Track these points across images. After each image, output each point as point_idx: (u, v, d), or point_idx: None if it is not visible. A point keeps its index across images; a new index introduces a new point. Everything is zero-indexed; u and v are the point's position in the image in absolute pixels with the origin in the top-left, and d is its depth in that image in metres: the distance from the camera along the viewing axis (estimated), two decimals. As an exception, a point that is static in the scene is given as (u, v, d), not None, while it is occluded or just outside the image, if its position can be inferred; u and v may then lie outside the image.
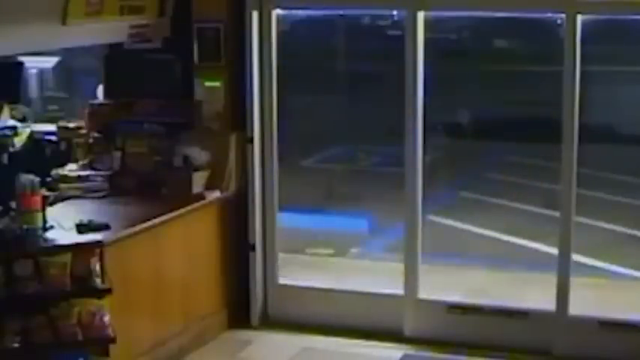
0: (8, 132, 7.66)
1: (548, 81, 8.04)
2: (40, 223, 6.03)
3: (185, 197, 7.20)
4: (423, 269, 7.45)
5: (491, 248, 9.47)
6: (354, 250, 9.26)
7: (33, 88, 11.31)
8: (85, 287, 5.88)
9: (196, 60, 7.59)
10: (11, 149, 7.54)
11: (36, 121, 8.48)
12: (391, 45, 8.12)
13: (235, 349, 7.32)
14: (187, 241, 7.13)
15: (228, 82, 7.58)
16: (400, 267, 7.47)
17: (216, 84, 7.55)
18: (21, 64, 8.61)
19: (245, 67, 7.54)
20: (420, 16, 7.21)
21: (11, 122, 7.85)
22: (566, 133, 6.99)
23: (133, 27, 7.39)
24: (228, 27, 7.51)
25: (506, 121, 12.84)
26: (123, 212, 6.83)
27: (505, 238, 9.64)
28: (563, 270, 7.09)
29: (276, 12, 7.59)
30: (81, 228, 6.23)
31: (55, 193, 7.00)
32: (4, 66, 7.97)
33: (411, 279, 7.43)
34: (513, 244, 9.48)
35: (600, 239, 9.35)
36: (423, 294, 7.44)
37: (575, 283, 7.12)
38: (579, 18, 6.83)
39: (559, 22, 6.97)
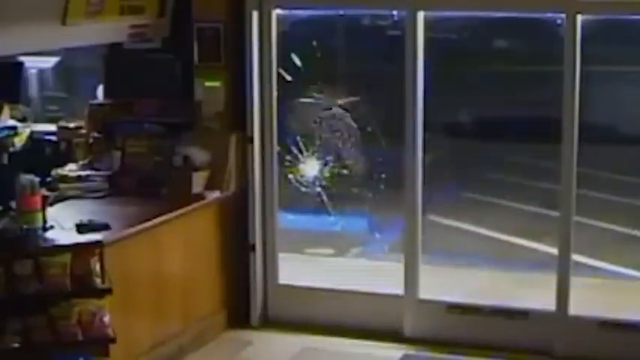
0: (8, 132, 7.66)
1: (548, 81, 8.04)
2: (40, 223, 6.04)
3: (185, 197, 7.21)
4: (423, 269, 7.45)
5: (491, 248, 9.46)
6: (354, 250, 9.25)
7: (33, 88, 11.30)
8: (85, 287, 5.89)
9: (196, 60, 7.59)
10: (11, 149, 7.54)
11: (36, 121, 8.48)
12: (391, 45, 8.12)
13: (235, 349, 7.32)
14: (187, 241, 7.14)
15: (228, 82, 7.59)
16: (400, 267, 7.47)
17: (216, 84, 7.55)
18: (21, 64, 8.61)
19: (245, 67, 7.55)
20: (420, 16, 7.21)
21: (11, 122, 7.85)
22: (566, 133, 6.99)
23: (132, 27, 7.39)
24: (228, 27, 7.52)
25: (507, 121, 12.83)
26: (123, 212, 6.83)
27: (505, 238, 9.64)
28: (563, 270, 7.09)
29: (276, 12, 7.60)
30: (81, 228, 6.23)
31: (55, 193, 6.99)
32: (4, 66, 7.97)
33: (411, 279, 7.44)
34: (513, 244, 9.48)
35: (600, 239, 9.34)
36: (423, 294, 7.44)
37: (575, 283, 7.12)
38: (579, 18, 6.84)
39: (559, 22, 6.98)
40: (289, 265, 7.92)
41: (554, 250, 7.20)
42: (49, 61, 11.66)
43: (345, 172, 9.13)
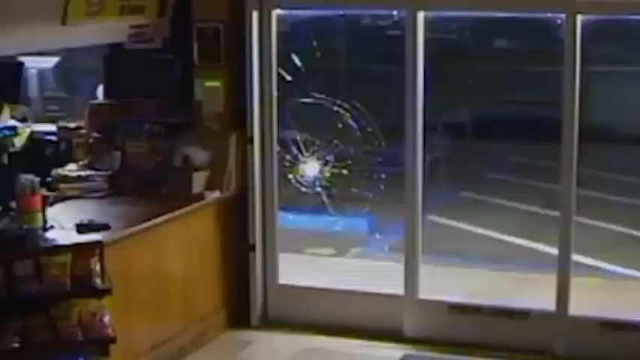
0: (8, 132, 7.66)
1: (548, 81, 8.05)
2: (40, 223, 6.03)
3: (185, 197, 7.20)
4: (423, 269, 7.45)
5: (491, 248, 9.47)
6: (354, 250, 9.26)
7: (33, 88, 11.31)
8: (85, 287, 5.88)
9: (196, 60, 7.58)
10: (11, 149, 7.54)
11: (36, 121, 8.47)
12: (391, 45, 8.13)
13: (235, 349, 7.32)
14: (187, 241, 7.13)
15: (228, 82, 7.58)
16: (400, 267, 7.47)
17: (216, 84, 7.55)
18: (21, 64, 8.61)
19: (245, 67, 7.55)
20: (420, 16, 7.21)
21: (11, 122, 7.85)
22: (566, 133, 6.99)
23: (133, 27, 7.40)
24: (228, 27, 7.51)
25: (507, 121, 12.85)
26: (123, 212, 6.82)
27: (505, 238, 9.65)
28: (563, 270, 7.09)
29: (276, 12, 7.60)
30: (81, 228, 6.23)
31: (55, 193, 6.99)
32: (4, 66, 7.97)
33: (411, 279, 7.43)
34: (513, 244, 9.49)
35: (600, 239, 9.35)
36: (423, 294, 7.44)
37: (575, 283, 7.12)
38: (579, 18, 6.84)
39: (559, 22, 6.98)
40: (289, 265, 7.92)
41: (554, 250, 7.20)
42: (49, 61, 11.67)
43: (344, 172, 9.14)
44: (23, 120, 8.10)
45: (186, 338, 7.14)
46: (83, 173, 7.43)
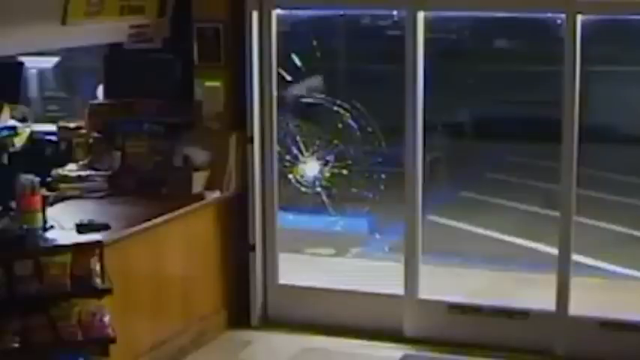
0: (8, 132, 7.66)
1: (548, 81, 8.05)
2: (40, 223, 6.03)
3: (185, 197, 7.20)
4: (423, 269, 7.45)
5: (491, 248, 9.47)
6: (354, 250, 9.26)
7: (33, 88, 11.30)
8: (85, 287, 5.88)
9: (196, 60, 7.58)
10: (11, 149, 7.54)
11: (36, 121, 8.48)
12: (391, 45, 8.13)
13: (235, 349, 7.32)
14: (187, 241, 7.13)
15: (228, 82, 7.58)
16: (400, 267, 7.47)
17: (216, 84, 7.55)
18: (21, 64, 8.61)
19: (245, 67, 7.55)
20: (420, 16, 7.21)
21: (11, 122, 7.85)
22: (566, 133, 6.99)
23: (133, 27, 7.40)
24: (228, 27, 7.52)
25: (506, 121, 12.85)
26: (123, 212, 6.83)
27: (505, 238, 9.64)
28: (563, 270, 7.09)
29: (276, 12, 7.60)
30: (81, 228, 6.23)
31: (55, 193, 6.99)
32: (4, 66, 7.97)
33: (411, 279, 7.43)
34: (513, 244, 9.48)
35: (600, 239, 9.35)
36: (423, 294, 7.44)
37: (575, 283, 7.12)
38: (579, 18, 6.84)
39: (559, 22, 6.98)
40: (289, 265, 7.92)
41: (554, 250, 7.20)
42: (49, 61, 11.66)
43: (344, 172, 9.14)
44: (23, 120, 8.10)
45: (186, 338, 7.14)
46: (83, 173, 7.43)
